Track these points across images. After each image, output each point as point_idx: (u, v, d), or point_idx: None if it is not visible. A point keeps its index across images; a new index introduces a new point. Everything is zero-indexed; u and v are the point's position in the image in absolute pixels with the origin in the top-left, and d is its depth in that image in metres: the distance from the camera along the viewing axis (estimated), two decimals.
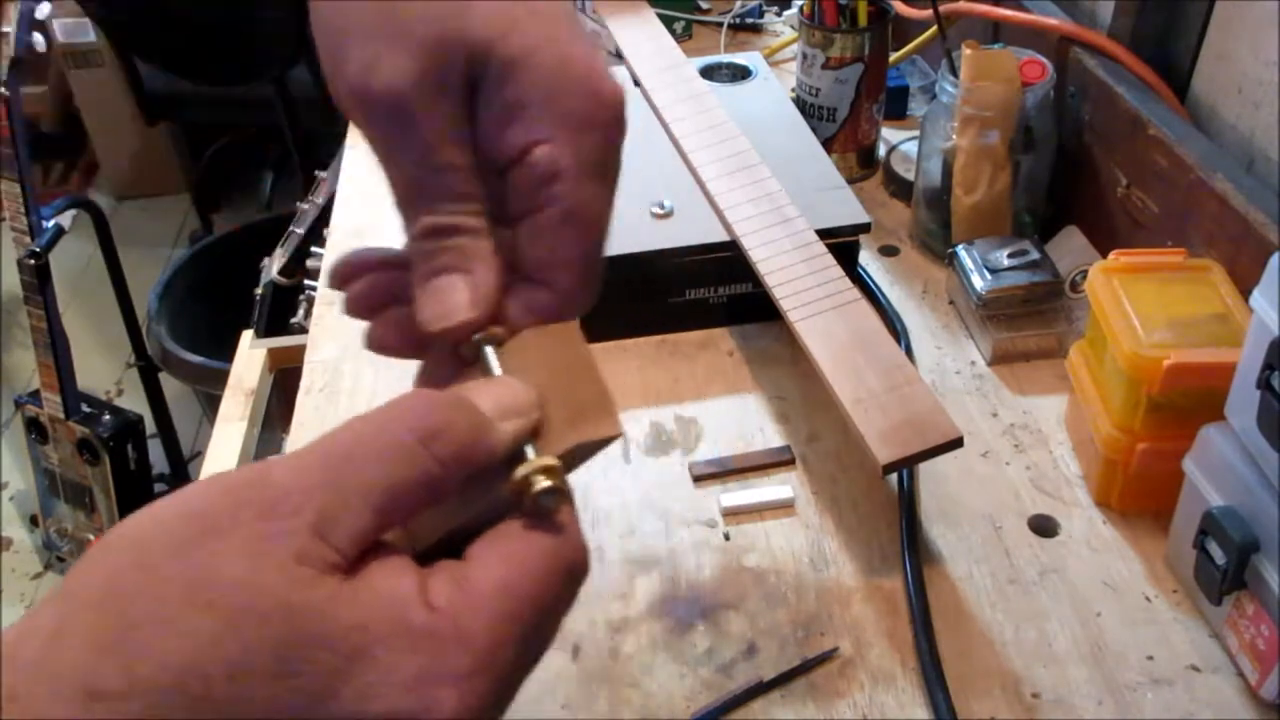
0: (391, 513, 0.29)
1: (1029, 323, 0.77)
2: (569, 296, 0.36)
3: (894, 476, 0.68)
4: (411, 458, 0.29)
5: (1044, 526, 0.66)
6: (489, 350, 0.35)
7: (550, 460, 0.32)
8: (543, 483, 0.31)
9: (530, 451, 0.32)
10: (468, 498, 0.31)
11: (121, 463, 1.70)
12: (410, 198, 0.35)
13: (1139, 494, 0.65)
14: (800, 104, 0.96)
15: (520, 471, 0.31)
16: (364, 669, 0.27)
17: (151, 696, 0.25)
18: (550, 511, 0.31)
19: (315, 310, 0.86)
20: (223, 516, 0.28)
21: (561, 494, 0.31)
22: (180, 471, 1.97)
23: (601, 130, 0.35)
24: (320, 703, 0.27)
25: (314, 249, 1.23)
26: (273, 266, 1.36)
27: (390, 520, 0.29)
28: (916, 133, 0.90)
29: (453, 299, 0.35)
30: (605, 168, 0.36)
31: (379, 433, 0.30)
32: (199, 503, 0.28)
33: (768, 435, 0.72)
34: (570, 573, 0.31)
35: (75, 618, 0.27)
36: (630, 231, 0.77)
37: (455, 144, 0.35)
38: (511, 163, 0.35)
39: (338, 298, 0.38)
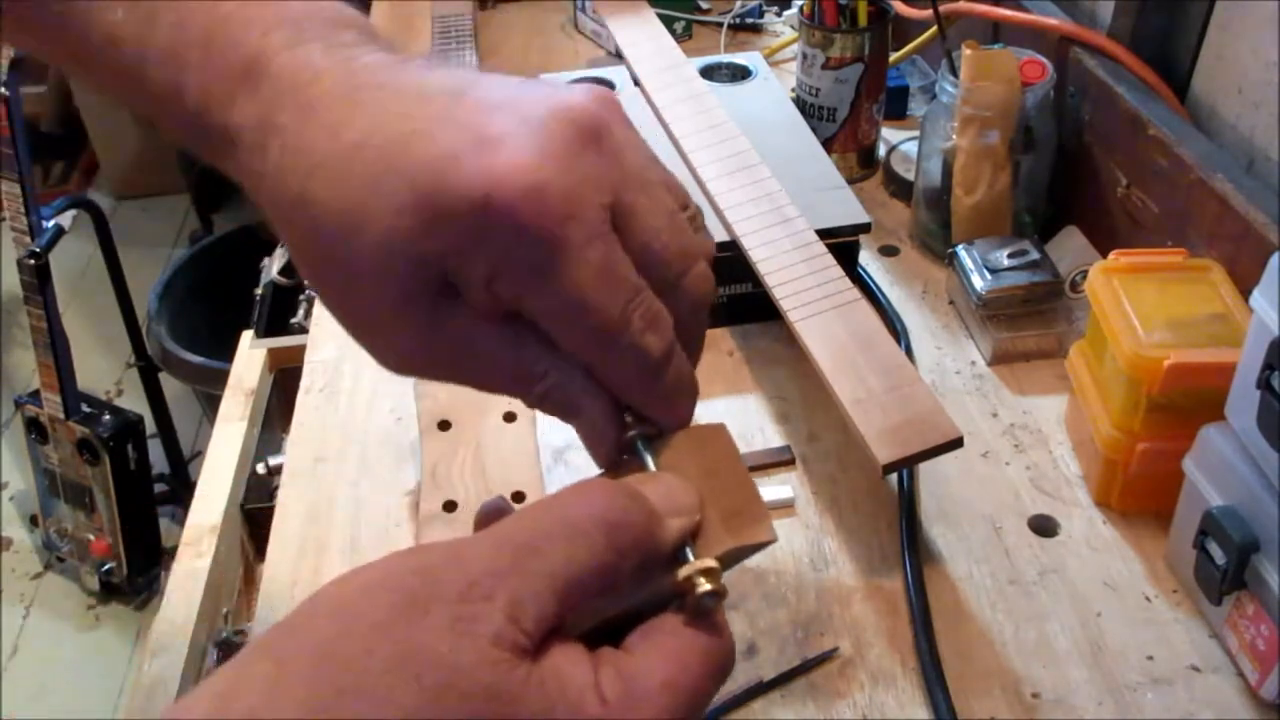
0: (573, 598, 0.31)
1: (1029, 323, 0.77)
2: (671, 407, 0.38)
3: (894, 476, 0.68)
4: (592, 546, 0.31)
5: (1044, 526, 0.66)
6: (641, 446, 0.36)
7: (711, 563, 0.33)
8: (705, 585, 0.32)
9: (689, 552, 0.34)
10: (631, 587, 0.33)
11: (121, 463, 1.70)
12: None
13: (1139, 494, 0.65)
14: (800, 104, 0.96)
15: (684, 572, 0.33)
16: None
17: None
18: (710, 612, 0.33)
19: (315, 310, 0.86)
20: (423, 595, 0.29)
21: (721, 596, 0.33)
22: (180, 472, 1.97)
23: (519, 243, 0.33)
24: None
25: None
26: (273, 266, 1.36)
27: (570, 605, 0.31)
28: (916, 133, 0.90)
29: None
30: (578, 266, 0.33)
31: (563, 521, 0.31)
32: (399, 579, 0.30)
33: (768, 435, 0.72)
34: (722, 671, 0.33)
35: (289, 678, 0.28)
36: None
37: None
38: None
39: None
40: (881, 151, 0.99)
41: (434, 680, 0.28)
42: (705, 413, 0.78)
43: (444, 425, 0.70)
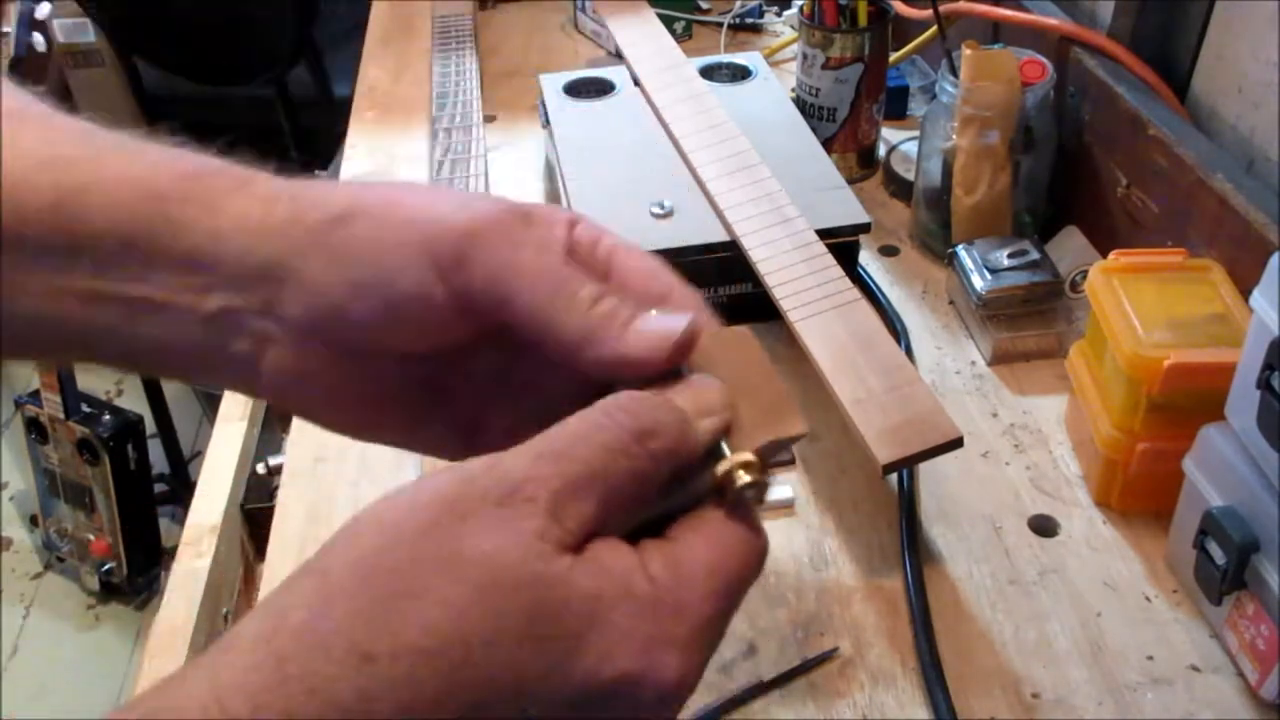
0: (612, 502, 0.31)
1: (1029, 323, 0.77)
2: (688, 292, 0.39)
3: (894, 476, 0.68)
4: (629, 453, 0.32)
5: (1044, 526, 0.66)
6: None
7: (749, 456, 0.34)
8: (745, 478, 0.34)
9: (725, 448, 0.35)
10: (668, 489, 0.34)
11: (121, 463, 1.70)
12: (557, 284, 0.36)
13: (1139, 494, 0.65)
14: (800, 104, 0.96)
15: (723, 467, 0.34)
16: (601, 633, 0.30)
17: (417, 658, 0.28)
18: (750, 504, 0.34)
19: None
20: (466, 501, 0.30)
21: (763, 488, 0.34)
22: (180, 472, 1.97)
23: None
24: (565, 663, 0.29)
25: None
26: None
27: (611, 508, 0.31)
28: (916, 133, 0.90)
29: (668, 319, 0.37)
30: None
31: (599, 430, 0.32)
32: (442, 490, 0.31)
33: None
34: (760, 563, 0.34)
35: (338, 590, 0.29)
36: (630, 232, 0.77)
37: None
38: (571, 254, 0.38)
39: None
40: (881, 151, 0.99)
41: (480, 576, 0.29)
42: None
43: None
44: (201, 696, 0.27)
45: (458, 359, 0.39)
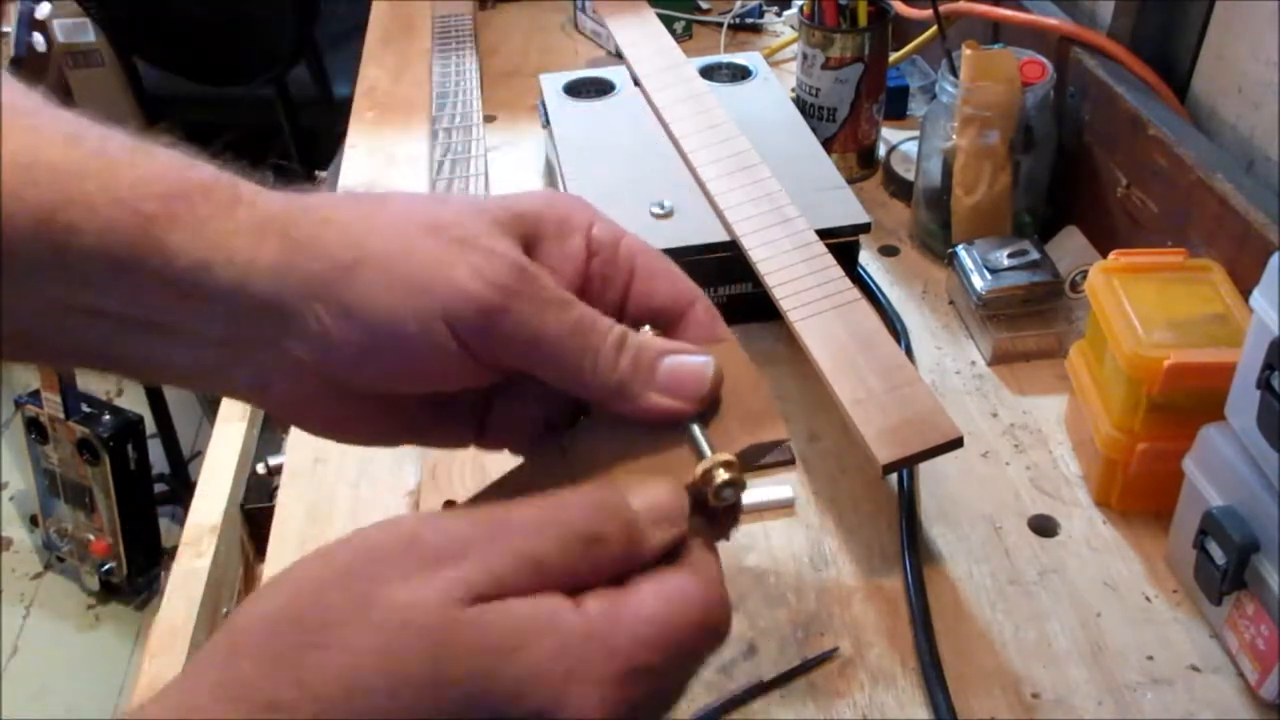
0: (544, 585, 0.31)
1: (1029, 323, 0.77)
2: (703, 297, 0.40)
3: (894, 476, 0.68)
4: (572, 553, 0.31)
5: (1044, 526, 0.66)
6: None
7: (730, 456, 0.35)
8: (724, 475, 0.34)
9: (708, 447, 0.35)
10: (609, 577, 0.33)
11: (121, 463, 1.70)
12: (583, 342, 0.36)
13: (1139, 494, 0.65)
14: (800, 104, 0.96)
15: (703, 465, 0.34)
16: (516, 668, 0.29)
17: (321, 704, 0.28)
18: (730, 503, 0.35)
19: None
20: (390, 552, 0.30)
21: (740, 487, 0.34)
22: (180, 472, 1.97)
23: (594, 209, 0.40)
24: (478, 704, 0.29)
25: None
26: None
27: (538, 587, 0.31)
28: (916, 133, 0.90)
29: (694, 364, 0.37)
30: (615, 226, 0.40)
31: (543, 519, 0.32)
32: (367, 541, 0.31)
33: None
34: (714, 630, 0.33)
35: (249, 641, 0.29)
36: (630, 231, 0.77)
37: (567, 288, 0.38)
38: (588, 260, 0.39)
39: None
40: (881, 151, 0.99)
41: (389, 621, 0.29)
42: None
43: None
44: None
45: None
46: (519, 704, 0.29)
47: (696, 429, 0.36)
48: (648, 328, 0.39)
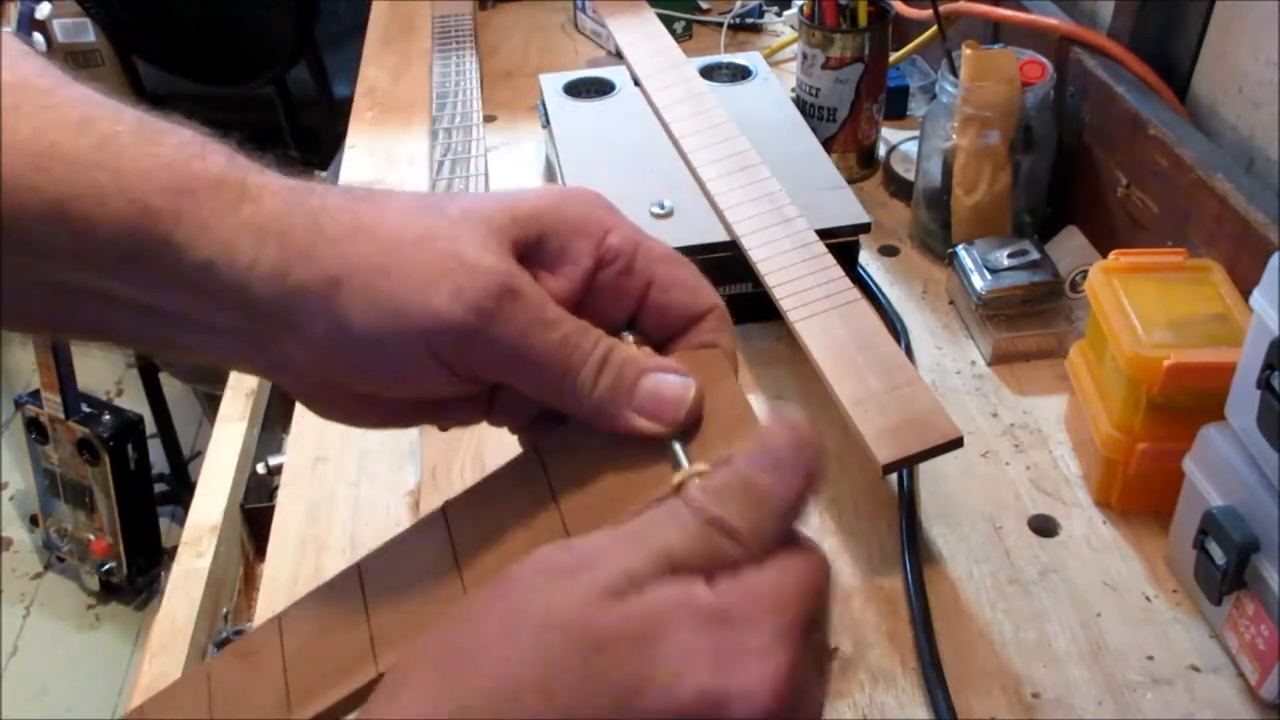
0: (676, 572, 0.31)
1: (1029, 323, 0.77)
2: (720, 307, 0.40)
3: (894, 476, 0.68)
4: (696, 536, 0.32)
5: (1044, 526, 0.66)
6: None
7: (704, 466, 0.35)
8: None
9: (684, 458, 0.36)
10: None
11: (121, 463, 1.70)
12: (564, 363, 0.36)
13: (1139, 494, 0.65)
14: (800, 104, 0.96)
15: (678, 476, 0.35)
16: (666, 653, 0.29)
17: (480, 715, 0.29)
18: None
19: None
20: (524, 575, 0.31)
21: None
22: (180, 472, 1.97)
23: (612, 207, 0.39)
24: (634, 694, 0.28)
25: None
26: None
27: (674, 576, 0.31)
28: (916, 133, 0.90)
29: (673, 386, 0.37)
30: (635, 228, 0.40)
31: (669, 518, 0.32)
32: (512, 572, 0.32)
33: None
34: (823, 571, 0.33)
35: (409, 675, 0.31)
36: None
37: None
38: (599, 269, 0.38)
39: None
40: (881, 151, 0.99)
41: (534, 625, 0.29)
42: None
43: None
44: None
45: None
46: (676, 689, 0.28)
47: (675, 441, 0.36)
48: (629, 335, 0.38)
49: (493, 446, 0.68)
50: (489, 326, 0.35)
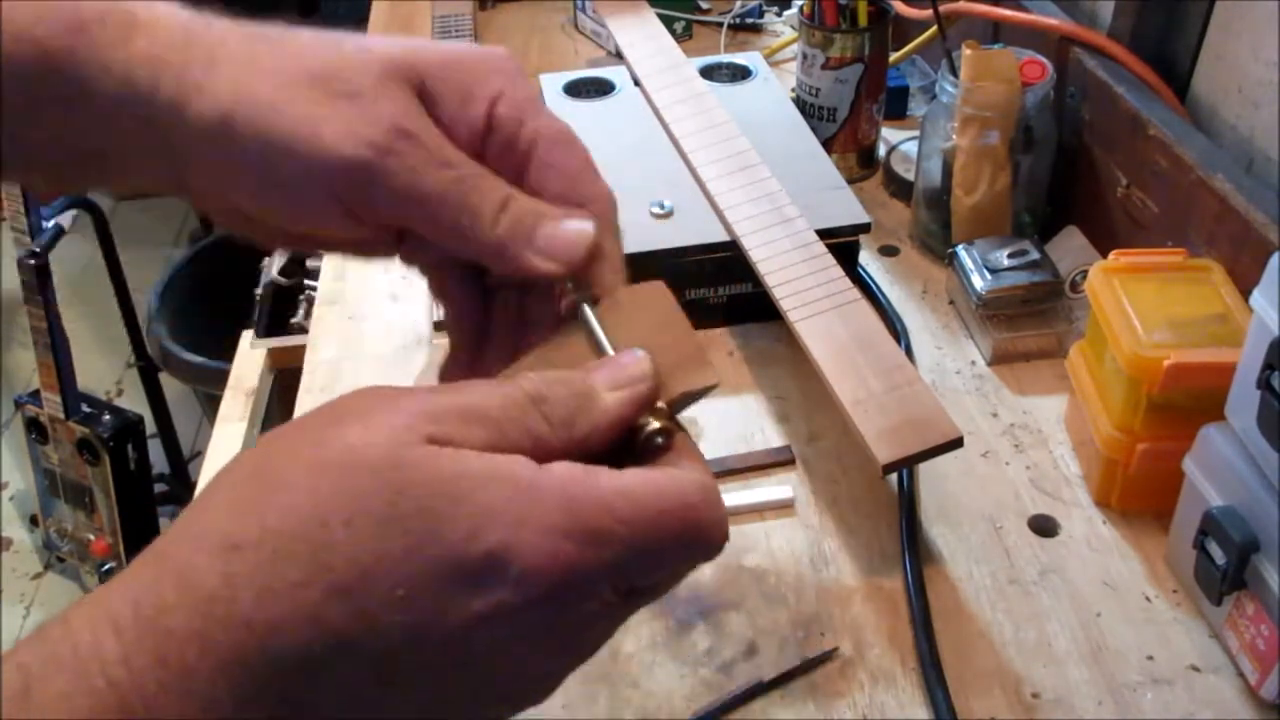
0: (502, 445, 0.31)
1: (1029, 323, 0.77)
2: (604, 198, 0.39)
3: (894, 476, 0.68)
4: (523, 409, 0.32)
5: (1044, 526, 0.66)
6: (587, 309, 0.37)
7: (659, 404, 0.34)
8: (653, 424, 0.34)
9: (608, 346, 0.35)
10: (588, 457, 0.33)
11: (121, 463, 1.70)
12: (461, 201, 0.36)
13: (1139, 494, 0.65)
14: (800, 104, 0.96)
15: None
16: (469, 507, 0.29)
17: (280, 542, 0.28)
18: (660, 449, 0.34)
19: (315, 310, 0.86)
20: (339, 408, 0.31)
21: (670, 434, 0.34)
22: (180, 472, 1.97)
23: (516, 74, 0.39)
24: (430, 541, 0.29)
25: None
26: (273, 266, 1.36)
27: (501, 449, 0.31)
28: (916, 133, 0.90)
29: (571, 229, 0.37)
30: (539, 102, 0.39)
31: (499, 387, 0.32)
32: (319, 406, 0.32)
33: (768, 435, 0.72)
34: (700, 532, 0.32)
35: (215, 493, 0.31)
36: (630, 231, 0.77)
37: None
38: (486, 135, 0.38)
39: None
40: (881, 151, 0.99)
41: (343, 461, 0.29)
42: (706, 412, 0.78)
43: None
44: (91, 613, 0.29)
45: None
46: (471, 544, 0.29)
47: (596, 326, 0.36)
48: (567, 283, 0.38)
49: None
50: (383, 163, 0.35)
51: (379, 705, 0.30)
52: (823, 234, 0.75)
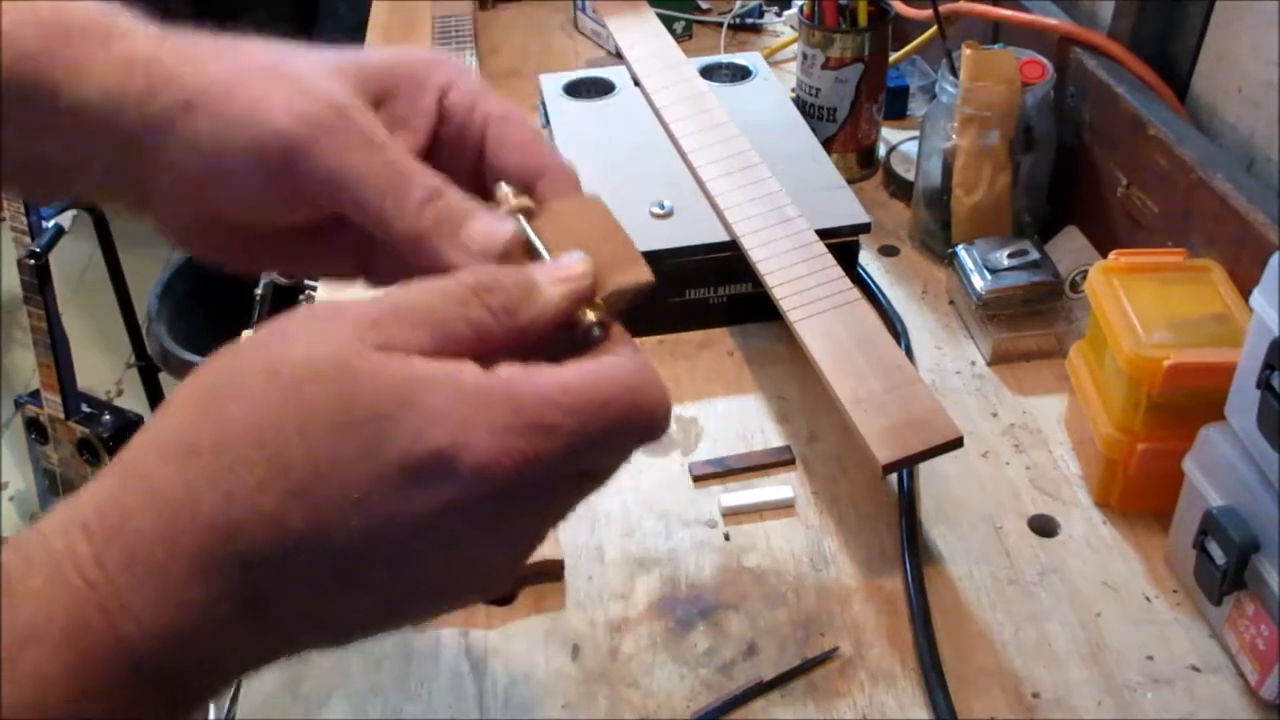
0: (446, 341, 0.32)
1: (1029, 323, 0.77)
2: (559, 164, 0.40)
3: (894, 476, 0.68)
4: (465, 302, 0.32)
5: (1044, 526, 0.66)
6: (524, 221, 0.38)
7: (596, 300, 0.35)
8: (590, 316, 0.35)
9: (545, 253, 0.36)
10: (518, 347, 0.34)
11: None
12: (387, 185, 0.37)
13: (1139, 494, 0.65)
14: (800, 104, 0.96)
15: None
16: (416, 412, 0.30)
17: (239, 448, 0.29)
18: (597, 341, 0.35)
19: None
20: (295, 321, 0.32)
21: (606, 327, 0.35)
22: None
23: (462, 68, 0.41)
24: (380, 444, 0.29)
25: None
26: None
27: (444, 346, 0.32)
28: (916, 133, 0.90)
29: (492, 226, 0.37)
30: (488, 89, 0.41)
31: (439, 282, 0.33)
32: (279, 320, 0.32)
33: (768, 435, 0.72)
34: (643, 412, 0.33)
35: (174, 404, 0.32)
36: (630, 231, 0.77)
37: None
38: (440, 125, 0.40)
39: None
40: (881, 151, 0.99)
41: (294, 371, 0.30)
42: (706, 412, 0.78)
43: None
44: (61, 519, 0.30)
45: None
46: (419, 443, 0.29)
47: (533, 235, 0.37)
48: (507, 187, 0.39)
49: None
50: (317, 136, 0.36)
51: (347, 599, 0.31)
52: (823, 234, 0.75)
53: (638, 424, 0.33)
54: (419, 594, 0.32)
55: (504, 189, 0.38)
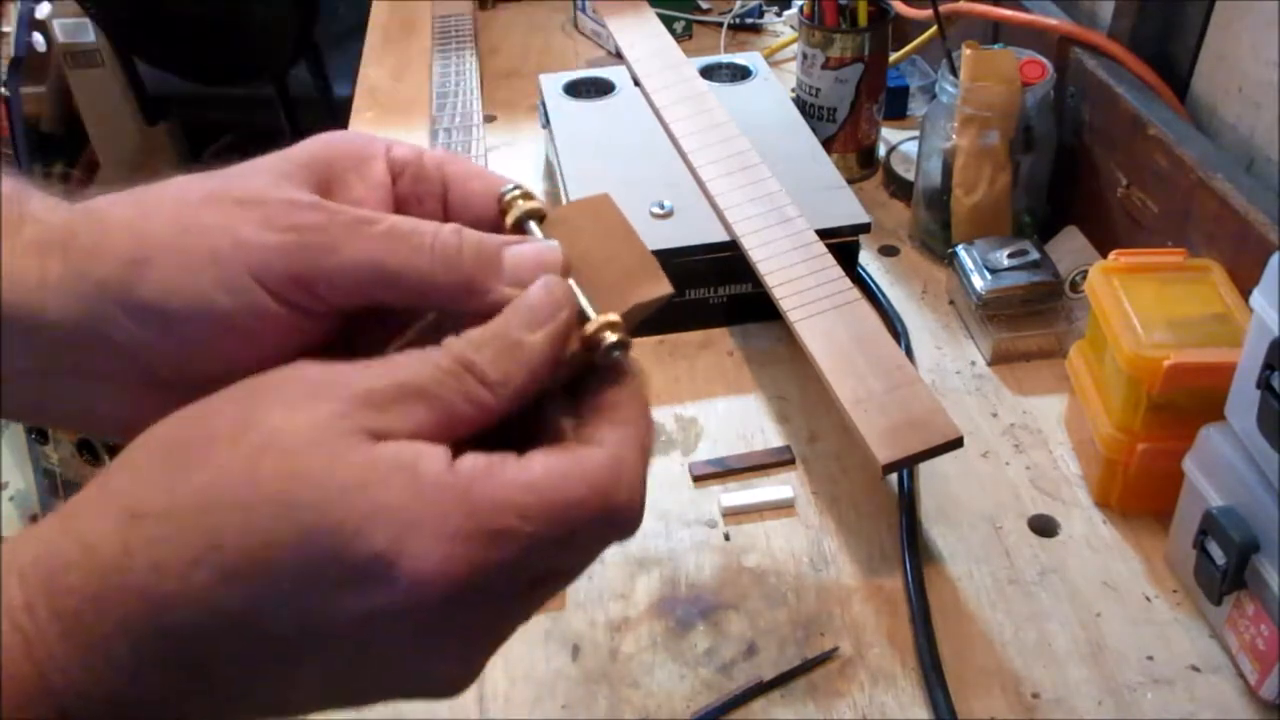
0: (448, 416, 0.30)
1: (1029, 323, 0.77)
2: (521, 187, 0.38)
3: (894, 476, 0.68)
4: (459, 378, 0.31)
5: (1044, 526, 0.66)
6: (534, 226, 0.37)
7: (614, 317, 0.34)
8: (611, 337, 0.33)
9: (592, 311, 0.34)
10: (512, 407, 0.32)
11: None
12: (407, 248, 0.34)
13: (1139, 494, 0.65)
14: (800, 104, 0.96)
15: (590, 327, 0.33)
16: (362, 503, 0.28)
17: (183, 518, 0.28)
18: (618, 364, 0.34)
19: None
20: (289, 380, 0.30)
21: (627, 346, 0.34)
22: None
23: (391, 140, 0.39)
24: (317, 537, 0.28)
25: None
26: None
27: (447, 423, 0.30)
28: (916, 133, 0.90)
29: (536, 246, 0.35)
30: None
31: (421, 358, 0.31)
32: (255, 378, 0.31)
33: (768, 435, 0.72)
34: (613, 515, 0.31)
35: (128, 460, 0.30)
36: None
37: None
38: (395, 181, 0.38)
39: None
40: (881, 151, 0.99)
41: (257, 443, 0.28)
42: (706, 412, 0.78)
43: None
44: (6, 559, 0.28)
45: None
46: (358, 543, 0.28)
47: (578, 291, 0.35)
48: (507, 187, 0.37)
49: None
50: (311, 238, 0.33)
51: (283, 679, 0.30)
52: (823, 234, 0.75)
53: (605, 528, 0.31)
54: (364, 690, 0.31)
55: (511, 191, 0.37)
